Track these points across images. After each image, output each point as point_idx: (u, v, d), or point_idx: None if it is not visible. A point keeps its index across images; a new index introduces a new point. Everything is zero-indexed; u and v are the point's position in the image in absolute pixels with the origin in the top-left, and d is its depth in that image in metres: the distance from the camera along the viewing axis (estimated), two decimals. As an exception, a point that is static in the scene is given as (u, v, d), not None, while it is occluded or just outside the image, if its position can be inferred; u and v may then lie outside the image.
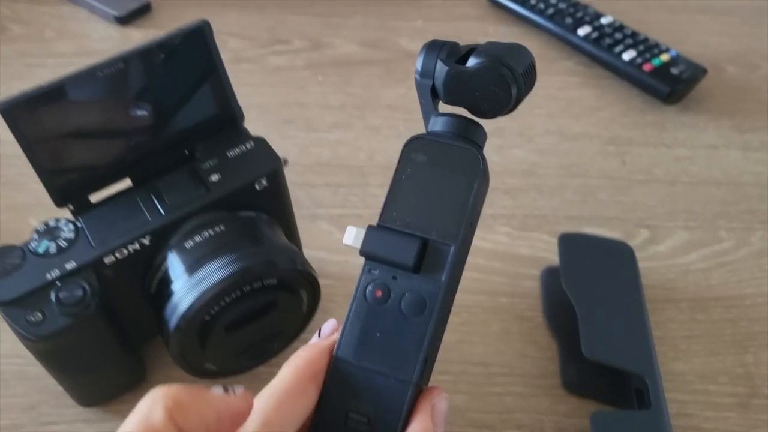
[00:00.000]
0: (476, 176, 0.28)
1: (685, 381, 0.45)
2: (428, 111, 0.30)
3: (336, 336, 0.28)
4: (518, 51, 0.30)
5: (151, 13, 0.71)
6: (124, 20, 0.69)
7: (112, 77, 0.37)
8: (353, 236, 0.28)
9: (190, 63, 0.39)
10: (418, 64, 0.30)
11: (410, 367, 0.27)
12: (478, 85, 0.28)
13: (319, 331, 0.29)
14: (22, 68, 0.64)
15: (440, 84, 0.29)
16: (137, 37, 0.68)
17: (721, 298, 0.49)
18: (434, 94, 0.30)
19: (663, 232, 0.53)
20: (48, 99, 0.37)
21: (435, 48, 0.30)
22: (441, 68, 0.29)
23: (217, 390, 0.23)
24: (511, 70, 0.28)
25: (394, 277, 0.27)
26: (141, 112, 0.39)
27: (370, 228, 0.28)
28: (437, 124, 0.29)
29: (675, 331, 0.47)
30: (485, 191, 0.29)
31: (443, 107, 0.30)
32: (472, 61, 0.29)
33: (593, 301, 0.44)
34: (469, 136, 0.29)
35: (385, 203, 0.28)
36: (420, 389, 0.27)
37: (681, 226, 0.54)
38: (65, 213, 0.40)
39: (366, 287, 0.28)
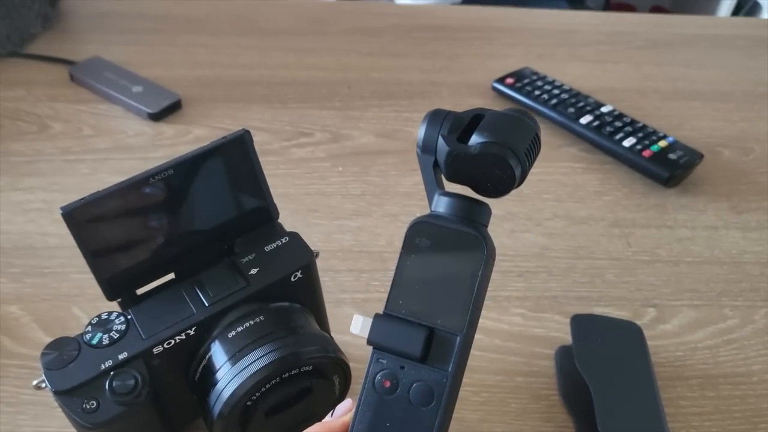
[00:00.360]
0: (480, 262, 0.28)
1: (698, 457, 0.47)
2: (432, 187, 0.30)
3: (349, 417, 0.29)
4: (521, 125, 0.29)
5: (181, 109, 0.76)
6: (157, 116, 0.74)
7: (162, 182, 0.41)
8: (360, 325, 0.29)
9: (231, 167, 0.44)
10: (420, 137, 0.30)
11: None
12: (481, 167, 0.28)
13: (332, 411, 0.31)
14: (62, 164, 0.69)
15: (442, 162, 0.29)
16: (169, 132, 0.73)
17: (729, 375, 0.52)
18: (437, 167, 0.30)
19: (669, 311, 0.56)
20: (104, 203, 0.40)
21: (436, 121, 0.29)
22: (443, 146, 0.29)
23: None
24: (514, 151, 0.28)
25: (402, 367, 0.28)
26: (187, 213, 0.43)
27: (377, 317, 0.29)
28: (440, 205, 0.29)
29: (686, 408, 0.50)
30: (491, 270, 0.29)
31: (447, 182, 0.31)
32: (475, 139, 0.28)
33: (607, 380, 0.47)
34: (474, 218, 0.29)
35: (391, 290, 0.29)
36: None
37: (687, 305, 0.57)
38: (108, 304, 0.43)
39: (375, 377, 0.28)
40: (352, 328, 0.29)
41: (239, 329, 0.41)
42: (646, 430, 0.45)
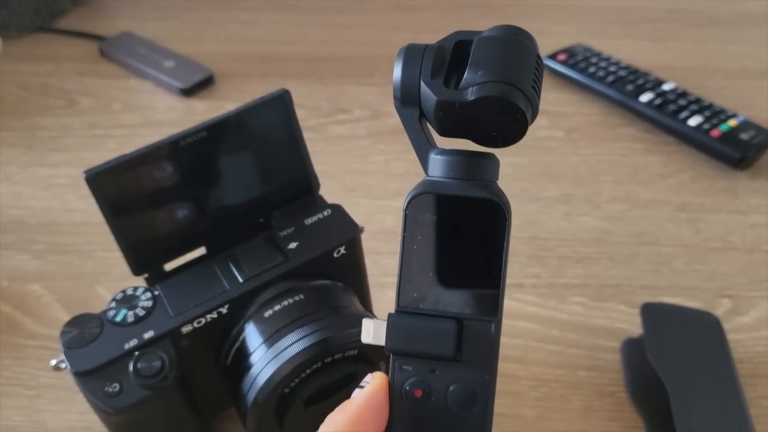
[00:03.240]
0: (502, 228, 0.23)
1: (786, 464, 0.42)
2: (423, 146, 0.24)
3: (377, 391, 0.24)
4: (520, 49, 0.23)
5: (214, 85, 0.73)
6: (189, 92, 0.71)
7: (194, 146, 0.38)
8: (372, 332, 0.24)
9: (269, 131, 0.40)
10: (395, 86, 0.24)
11: None
12: (481, 115, 0.22)
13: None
14: (90, 139, 0.66)
15: (431, 115, 0.23)
16: (201, 108, 0.69)
17: (817, 372, 0.46)
18: (424, 119, 0.24)
19: (746, 303, 0.51)
20: (130, 168, 0.37)
21: (414, 62, 0.23)
22: (427, 94, 0.23)
23: None
24: (520, 88, 0.22)
25: (433, 371, 0.23)
26: (220, 181, 0.40)
27: (391, 317, 0.24)
28: (437, 167, 0.23)
29: (770, 409, 0.44)
30: (510, 234, 0.23)
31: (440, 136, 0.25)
32: (468, 79, 0.22)
33: (683, 376, 0.42)
34: (481, 176, 0.23)
35: (400, 282, 0.24)
36: None
37: (765, 296, 0.51)
38: (134, 281, 0.39)
39: (402, 387, 0.24)
40: (363, 336, 0.24)
41: (276, 308, 0.37)
42: (729, 430, 0.40)
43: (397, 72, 0.24)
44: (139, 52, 0.75)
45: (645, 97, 0.67)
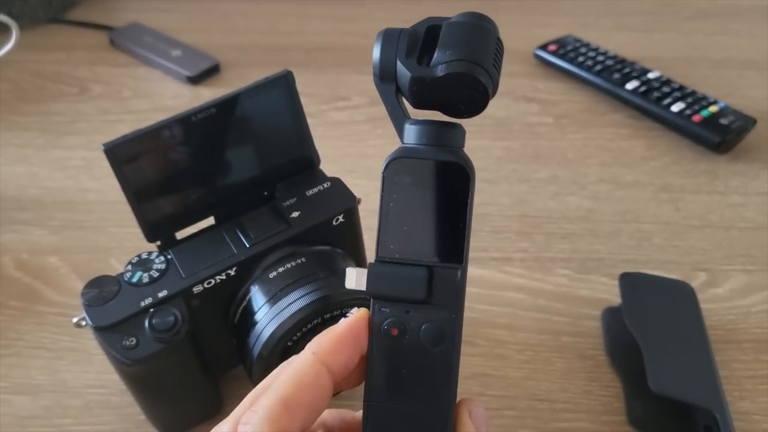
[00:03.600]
0: (466, 188, 0.26)
1: (752, 420, 0.45)
2: (398, 118, 0.28)
3: (357, 320, 0.27)
4: (482, 32, 0.27)
5: (220, 73, 0.76)
6: (195, 80, 0.74)
7: (204, 122, 0.41)
8: (355, 278, 0.27)
9: (274, 109, 0.43)
10: (375, 65, 0.27)
11: (444, 398, 0.26)
12: (449, 89, 0.26)
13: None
14: (101, 124, 0.69)
15: (405, 89, 0.27)
16: (207, 95, 0.73)
17: (785, 339, 0.49)
18: (400, 94, 0.27)
19: (721, 276, 0.54)
20: (145, 141, 0.40)
21: (391, 44, 0.27)
22: (402, 71, 0.26)
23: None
24: (482, 65, 0.26)
25: (408, 312, 0.27)
26: (228, 155, 0.43)
27: (371, 266, 0.27)
28: (411, 135, 0.27)
29: (740, 371, 0.48)
30: (474, 193, 0.27)
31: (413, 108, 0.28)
32: (437, 58, 0.26)
33: (657, 337, 0.45)
34: (449, 143, 0.27)
35: (379, 235, 0.27)
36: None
37: (739, 270, 0.55)
38: (153, 249, 0.42)
39: (381, 326, 0.27)
40: (347, 283, 0.27)
41: (280, 270, 0.40)
42: (699, 388, 0.43)
43: (376, 52, 0.27)
44: (147, 42, 0.79)
45: (631, 85, 0.70)
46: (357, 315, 0.27)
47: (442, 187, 0.27)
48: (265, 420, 0.25)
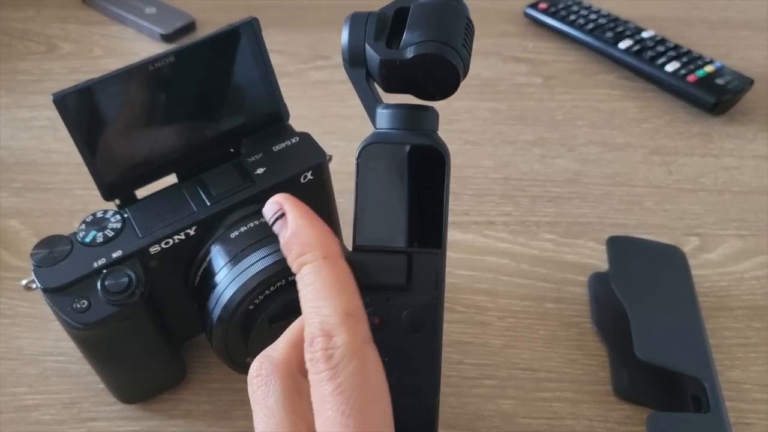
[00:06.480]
0: (442, 171, 0.26)
1: (742, 389, 0.43)
2: (370, 103, 0.27)
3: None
4: (451, 11, 0.26)
5: (195, 31, 0.72)
6: (170, 38, 0.71)
7: (163, 71, 0.38)
8: None
9: (238, 59, 0.40)
10: (344, 49, 0.26)
11: (428, 383, 0.26)
12: (419, 71, 0.25)
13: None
14: (70, 83, 0.64)
15: (375, 73, 0.26)
16: (182, 53, 0.69)
17: (778, 306, 0.47)
18: (371, 79, 0.27)
19: (714, 240, 0.52)
20: (99, 91, 0.37)
21: (359, 27, 0.26)
22: (372, 55, 0.26)
23: None
24: (452, 45, 0.25)
25: (388, 299, 0.26)
26: (190, 108, 0.40)
27: (349, 255, 0.26)
28: (383, 120, 0.26)
29: (731, 339, 0.45)
30: (450, 176, 0.27)
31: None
32: (406, 40, 0.25)
33: (645, 303, 0.43)
34: (422, 126, 0.26)
35: (356, 223, 0.26)
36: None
37: (732, 235, 0.52)
38: (112, 207, 0.40)
39: None
40: None
41: (242, 229, 0.38)
42: (687, 356, 0.41)
43: (344, 37, 0.26)
44: (120, -1, 0.75)
45: (624, 44, 0.67)
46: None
47: (417, 172, 0.26)
48: (350, 335, 0.23)
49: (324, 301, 0.24)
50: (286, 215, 0.27)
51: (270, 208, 0.27)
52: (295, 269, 0.26)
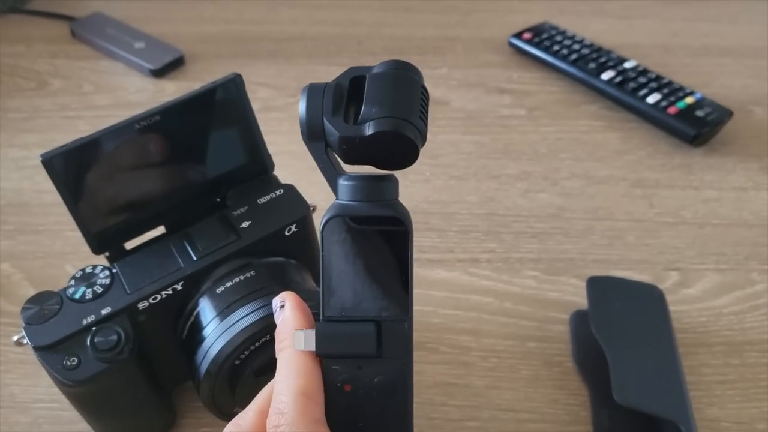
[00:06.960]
0: (405, 241, 0.27)
1: (720, 428, 0.44)
2: (331, 174, 0.27)
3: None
4: (407, 83, 0.27)
5: (184, 66, 0.73)
6: (159, 73, 0.72)
7: (149, 129, 0.39)
8: (303, 340, 0.27)
9: (222, 114, 0.41)
10: (302, 123, 0.27)
11: None
12: (378, 146, 0.26)
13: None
14: (60, 120, 0.67)
15: (335, 147, 0.26)
16: (171, 89, 0.70)
17: (756, 342, 0.48)
18: (330, 150, 0.27)
19: (693, 275, 0.53)
20: (86, 151, 0.38)
21: (316, 100, 0.26)
22: (330, 130, 0.26)
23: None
24: (410, 120, 0.26)
25: (360, 367, 0.27)
26: (176, 163, 0.41)
27: (318, 326, 0.27)
28: (345, 192, 0.27)
29: (709, 376, 0.47)
30: (413, 244, 0.27)
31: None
32: (364, 115, 0.26)
33: (624, 345, 0.44)
34: (383, 196, 0.27)
35: (323, 295, 0.27)
36: None
37: (712, 269, 0.53)
38: (102, 260, 0.41)
39: (334, 384, 0.27)
40: (295, 344, 0.27)
41: (228, 285, 0.39)
42: (664, 399, 0.42)
43: (301, 110, 0.27)
44: (109, 33, 0.76)
45: (606, 75, 0.68)
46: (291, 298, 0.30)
47: (381, 241, 0.27)
48: (297, 414, 0.25)
49: (284, 382, 0.27)
50: (285, 307, 0.29)
51: (276, 301, 0.30)
52: (276, 354, 0.28)
